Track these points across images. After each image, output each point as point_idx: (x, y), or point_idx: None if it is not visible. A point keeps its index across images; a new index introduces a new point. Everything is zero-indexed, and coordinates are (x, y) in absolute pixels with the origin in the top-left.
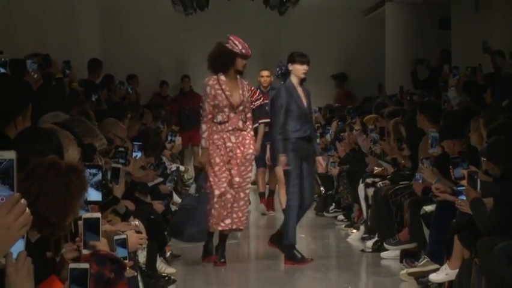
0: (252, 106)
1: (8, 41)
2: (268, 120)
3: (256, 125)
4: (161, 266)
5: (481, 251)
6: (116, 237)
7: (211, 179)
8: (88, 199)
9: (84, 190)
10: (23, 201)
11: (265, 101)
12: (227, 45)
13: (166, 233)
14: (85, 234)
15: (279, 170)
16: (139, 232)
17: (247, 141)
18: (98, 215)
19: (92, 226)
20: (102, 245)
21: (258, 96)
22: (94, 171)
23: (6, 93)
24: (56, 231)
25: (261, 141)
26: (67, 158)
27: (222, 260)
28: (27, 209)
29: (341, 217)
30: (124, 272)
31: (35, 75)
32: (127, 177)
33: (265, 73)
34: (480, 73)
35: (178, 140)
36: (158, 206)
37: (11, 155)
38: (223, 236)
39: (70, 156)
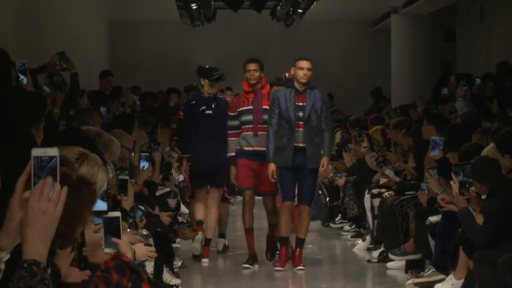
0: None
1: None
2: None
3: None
4: (167, 277)
5: (477, 263)
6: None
7: None
8: (94, 209)
9: (94, 202)
10: (48, 179)
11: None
12: None
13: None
14: (106, 235)
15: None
16: (148, 245)
17: None
18: (118, 214)
19: (113, 227)
20: (124, 243)
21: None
22: None
23: (21, 107)
24: (65, 243)
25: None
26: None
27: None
28: (56, 185)
29: (347, 227)
30: (142, 284)
31: (47, 90)
32: (134, 188)
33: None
34: (489, 87)
35: None
36: (165, 218)
37: (54, 152)
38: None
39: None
